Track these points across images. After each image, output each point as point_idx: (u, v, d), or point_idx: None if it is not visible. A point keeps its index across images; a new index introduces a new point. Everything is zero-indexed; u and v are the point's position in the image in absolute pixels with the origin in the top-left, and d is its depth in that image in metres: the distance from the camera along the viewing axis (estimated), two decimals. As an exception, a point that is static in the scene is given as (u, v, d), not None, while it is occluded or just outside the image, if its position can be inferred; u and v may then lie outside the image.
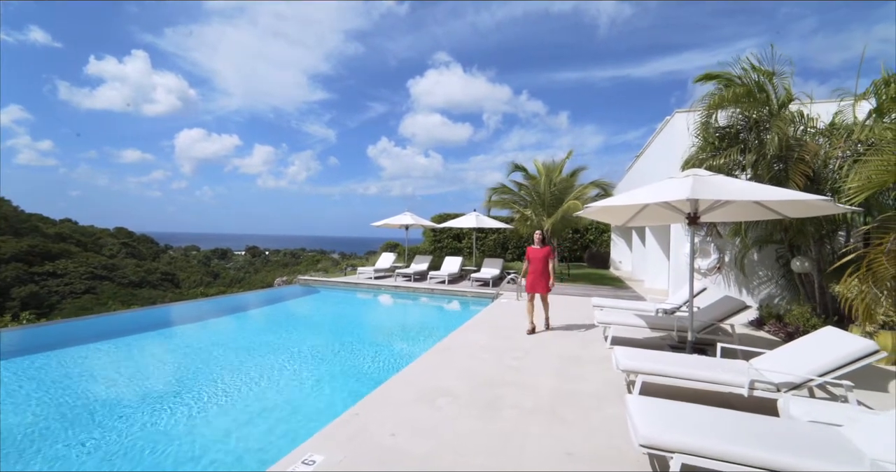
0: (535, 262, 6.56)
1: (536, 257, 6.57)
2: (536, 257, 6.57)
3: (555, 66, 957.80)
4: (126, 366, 5.95)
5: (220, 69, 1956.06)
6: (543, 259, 6.53)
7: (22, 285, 27.91)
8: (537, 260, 6.55)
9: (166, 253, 52.47)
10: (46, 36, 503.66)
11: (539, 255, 6.56)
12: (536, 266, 6.55)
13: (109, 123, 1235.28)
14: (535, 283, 6.56)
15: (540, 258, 6.54)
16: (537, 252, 6.59)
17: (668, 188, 4.32)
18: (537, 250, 6.61)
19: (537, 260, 6.55)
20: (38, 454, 3.46)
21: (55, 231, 36.12)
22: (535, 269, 6.55)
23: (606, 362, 5.03)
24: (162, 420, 4.07)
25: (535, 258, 6.58)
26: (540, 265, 6.52)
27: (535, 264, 6.56)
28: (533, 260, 6.59)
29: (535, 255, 6.59)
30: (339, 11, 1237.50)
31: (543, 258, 6.53)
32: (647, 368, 3.79)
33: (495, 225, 14.38)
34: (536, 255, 6.58)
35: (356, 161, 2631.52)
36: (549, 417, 3.60)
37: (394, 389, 4.22)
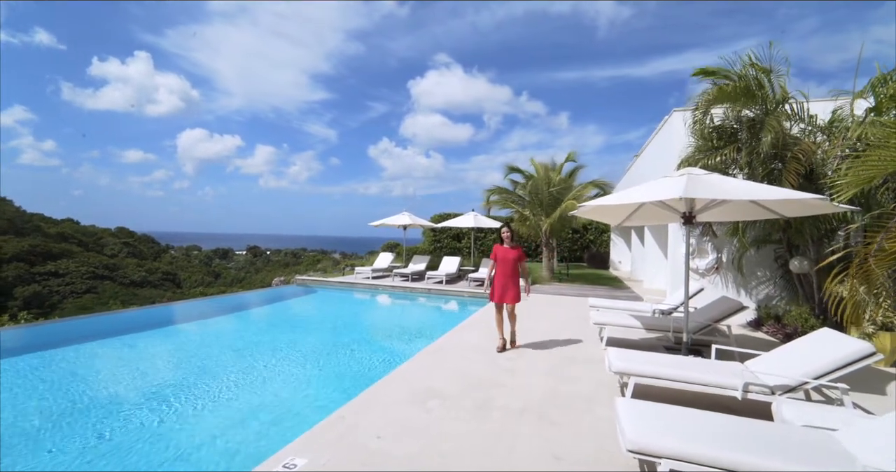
0: (505, 264, 5.51)
1: (506, 258, 5.51)
2: (506, 258, 5.51)
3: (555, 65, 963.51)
4: (120, 365, 5.92)
5: (221, 69, 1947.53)
6: (514, 261, 5.51)
7: (24, 285, 28.00)
8: (507, 262, 5.49)
9: (168, 253, 52.55)
10: (51, 38, 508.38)
11: (509, 255, 5.51)
12: (506, 269, 5.50)
13: (112, 123, 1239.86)
14: (505, 290, 5.48)
15: (510, 260, 5.49)
16: (507, 252, 5.53)
17: (661, 187, 4.25)
18: (507, 249, 5.55)
19: (507, 262, 5.49)
20: (33, 451, 3.42)
21: (57, 231, 36.20)
22: (504, 272, 5.50)
23: (601, 363, 4.96)
24: (152, 419, 4.02)
25: (504, 259, 5.52)
26: (510, 268, 5.50)
27: (503, 266, 5.52)
28: (501, 261, 5.53)
29: (505, 255, 5.52)
30: (339, 11, 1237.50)
31: (514, 260, 5.51)
32: (639, 370, 3.73)
33: (494, 225, 14.32)
34: (506, 255, 5.52)
35: (357, 161, 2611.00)
36: (539, 419, 3.54)
37: (383, 390, 4.17)
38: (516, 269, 5.53)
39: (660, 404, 2.94)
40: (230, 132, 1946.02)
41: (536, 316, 7.96)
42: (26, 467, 3.28)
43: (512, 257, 5.52)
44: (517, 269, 5.54)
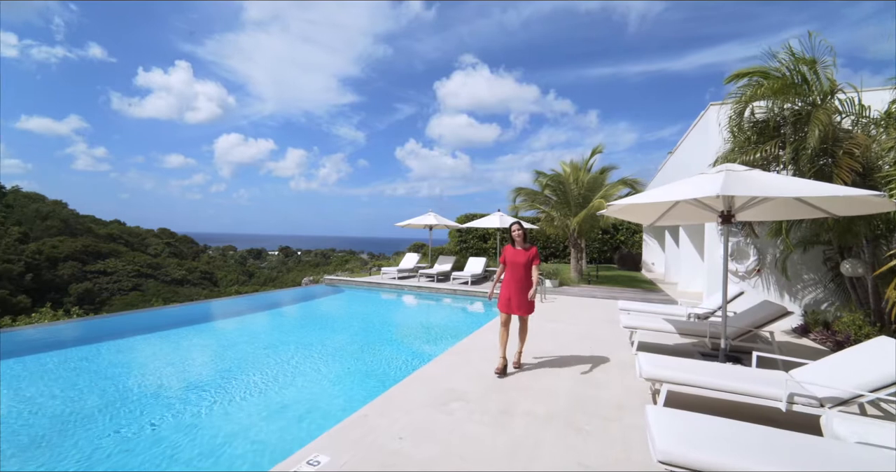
0: (515, 268, 4.70)
1: (517, 262, 4.70)
2: (517, 262, 4.70)
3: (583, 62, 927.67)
4: (160, 359, 6.21)
5: (255, 75, 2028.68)
6: (526, 265, 4.70)
7: (78, 282, 30.02)
8: (518, 266, 4.70)
9: (205, 253, 55.01)
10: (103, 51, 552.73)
11: (520, 258, 4.70)
12: (516, 274, 4.69)
13: (156, 130, 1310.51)
14: (513, 298, 4.67)
15: (522, 263, 4.69)
16: (518, 255, 4.73)
17: (697, 185, 4.04)
18: (519, 252, 4.76)
19: (518, 266, 4.70)
20: (77, 439, 3.62)
21: (106, 232, 38.61)
22: (515, 277, 4.69)
23: (632, 368, 4.77)
24: (188, 411, 4.18)
25: (514, 263, 4.72)
26: (521, 273, 4.69)
27: (514, 270, 4.71)
28: (512, 265, 4.74)
29: (516, 258, 4.73)
30: (368, 15, 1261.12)
31: (527, 263, 4.70)
32: (672, 376, 3.55)
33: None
34: (517, 258, 4.72)
35: (384, 163, 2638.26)
36: (563, 425, 3.42)
37: (406, 390, 4.16)
38: (529, 274, 4.72)
39: (694, 413, 2.77)
40: (263, 136, 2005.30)
41: (564, 318, 7.77)
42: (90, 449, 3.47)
43: (523, 261, 4.69)
44: (530, 274, 4.72)
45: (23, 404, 4.42)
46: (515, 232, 4.81)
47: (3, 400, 4.51)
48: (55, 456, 3.39)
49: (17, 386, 4.96)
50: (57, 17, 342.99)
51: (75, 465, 3.27)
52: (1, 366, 5.55)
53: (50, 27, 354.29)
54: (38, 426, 3.91)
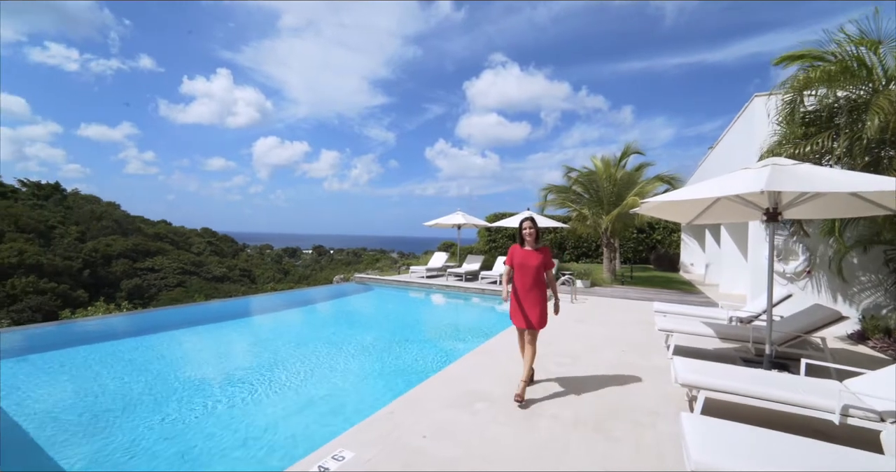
0: (525, 272, 3.95)
1: (528, 265, 3.94)
2: (528, 265, 3.94)
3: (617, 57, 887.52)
4: (201, 351, 6.54)
5: (290, 80, 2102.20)
6: (539, 269, 3.94)
7: (128, 279, 32.10)
8: (528, 270, 3.94)
9: (244, 251, 57.45)
10: (153, 62, 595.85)
11: (532, 260, 3.94)
12: (525, 280, 3.94)
13: (199, 134, 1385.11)
14: (526, 307, 3.94)
15: (534, 267, 3.92)
16: (529, 257, 3.96)
17: (739, 180, 3.80)
18: (529, 253, 3.99)
19: (528, 270, 3.94)
20: (126, 424, 3.86)
21: (154, 231, 41.06)
22: (524, 284, 3.95)
23: (667, 373, 4.56)
24: (226, 401, 4.36)
25: (525, 266, 3.95)
26: (531, 278, 3.93)
27: (523, 275, 3.96)
28: (522, 268, 3.97)
29: (527, 260, 3.95)
30: (398, 18, 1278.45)
31: (539, 267, 3.94)
32: (710, 383, 3.35)
33: (549, 224, 13.85)
34: (528, 260, 3.95)
35: (414, 163, 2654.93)
36: (592, 430, 3.31)
37: (431, 388, 4.16)
38: (541, 279, 3.98)
39: (734, 422, 2.60)
40: (298, 139, 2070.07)
41: (594, 320, 7.55)
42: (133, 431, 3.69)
43: (534, 264, 3.92)
44: (542, 279, 3.99)
45: (81, 390, 4.76)
46: (527, 230, 4.03)
47: (65, 386, 4.86)
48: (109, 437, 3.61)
49: (77, 374, 5.34)
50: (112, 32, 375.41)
51: (122, 448, 3.47)
52: (63, 355, 6.01)
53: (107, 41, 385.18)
54: (93, 410, 4.19)
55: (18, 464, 3.21)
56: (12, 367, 5.49)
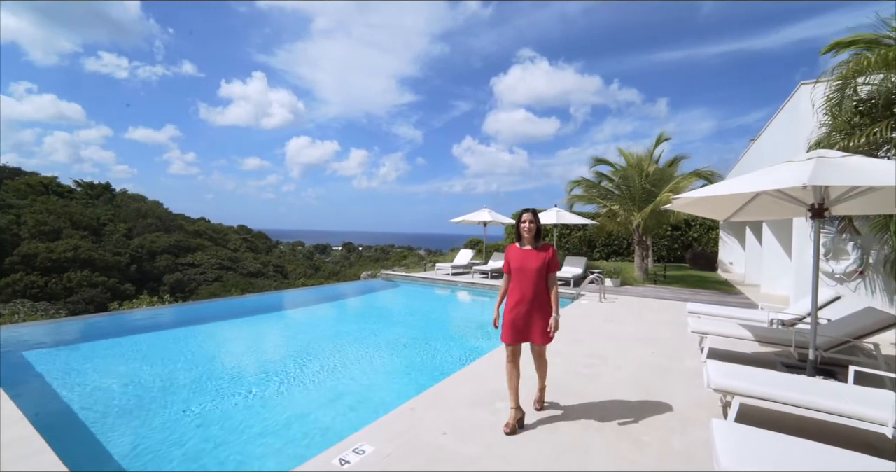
0: (525, 277, 3.26)
1: (526, 268, 3.26)
2: (526, 268, 3.26)
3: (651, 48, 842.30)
4: (236, 343, 6.83)
5: (321, 80, 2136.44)
6: (540, 272, 3.24)
7: (171, 273, 33.90)
8: (526, 274, 3.25)
9: (277, 248, 59.42)
10: (194, 67, 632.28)
11: (531, 262, 3.26)
12: (526, 284, 3.25)
13: (236, 135, 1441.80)
14: (525, 321, 3.27)
15: (533, 269, 3.24)
16: (528, 258, 3.29)
17: (780, 174, 3.55)
18: (528, 253, 3.32)
19: (526, 274, 3.25)
20: (163, 411, 4.08)
21: (194, 228, 43.10)
22: (523, 291, 3.25)
23: (699, 377, 4.36)
24: (254, 395, 4.53)
25: (523, 269, 3.27)
26: (531, 284, 3.23)
27: (523, 280, 3.27)
28: (520, 273, 3.29)
29: (525, 262, 3.28)
30: (426, 17, 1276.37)
31: (540, 269, 3.24)
32: (745, 389, 3.17)
33: (578, 221, 13.54)
34: (526, 262, 3.28)
35: (442, 160, 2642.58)
36: (617, 433, 3.20)
37: (452, 386, 4.15)
38: (542, 285, 3.26)
39: (770, 432, 2.45)
40: (329, 138, 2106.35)
41: (624, 320, 7.32)
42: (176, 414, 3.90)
43: (535, 266, 3.24)
44: (544, 285, 3.27)
45: (126, 376, 5.07)
46: (525, 224, 3.31)
47: (115, 371, 5.19)
48: (146, 423, 3.83)
49: (123, 361, 5.69)
50: (158, 40, 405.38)
51: (161, 432, 3.66)
52: (111, 344, 6.42)
53: (152, 49, 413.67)
54: (135, 396, 4.45)
55: (68, 444, 3.44)
56: (67, 354, 5.92)
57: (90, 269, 28.15)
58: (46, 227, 29.68)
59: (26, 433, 3.03)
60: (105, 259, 29.77)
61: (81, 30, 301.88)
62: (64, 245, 28.10)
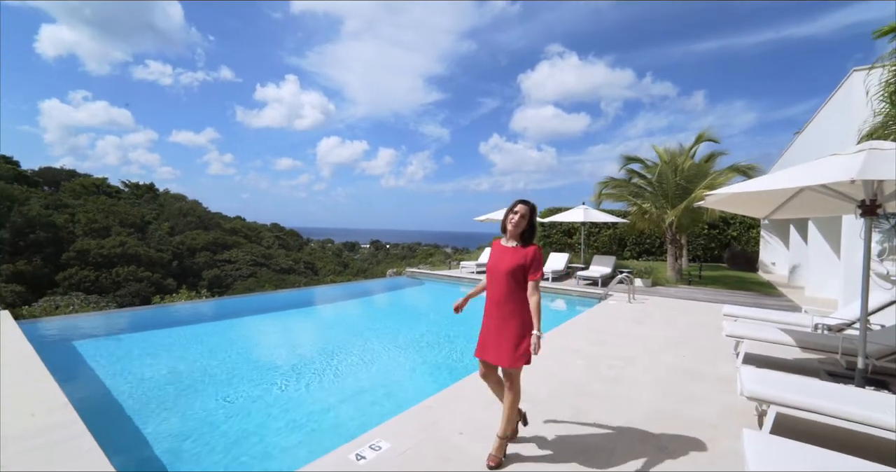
0: (496, 280, 2.74)
1: (498, 269, 2.73)
2: (498, 269, 2.73)
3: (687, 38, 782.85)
4: (268, 336, 7.08)
5: (350, 81, 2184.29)
6: (511, 275, 2.67)
7: (209, 269, 35.52)
8: (499, 276, 2.71)
9: (308, 245, 61.10)
10: (232, 73, 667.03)
11: (504, 262, 2.72)
12: (495, 290, 2.75)
13: (270, 137, 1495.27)
14: (492, 334, 2.76)
15: (505, 272, 2.68)
16: (505, 256, 2.75)
17: (824, 168, 3.30)
18: (505, 250, 2.79)
19: (499, 276, 2.71)
20: (198, 401, 4.27)
21: (230, 226, 44.96)
22: (494, 297, 2.75)
23: (734, 383, 4.14)
24: (280, 387, 4.66)
25: (495, 270, 2.76)
26: (500, 288, 2.71)
27: (493, 282, 2.77)
28: (491, 273, 2.79)
29: (500, 262, 2.74)
30: (453, 16, 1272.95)
31: (512, 273, 2.67)
32: (783, 398, 2.96)
33: (606, 219, 13.14)
34: (499, 262, 2.75)
35: (468, 158, 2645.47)
36: (640, 440, 3.07)
37: (472, 385, 4.10)
38: (514, 292, 2.68)
39: (810, 446, 2.28)
40: (358, 138, 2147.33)
41: (654, 321, 7.04)
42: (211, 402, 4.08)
43: (507, 267, 2.68)
44: (516, 292, 2.68)
45: (166, 365, 5.35)
46: (514, 216, 2.74)
47: (155, 361, 5.48)
48: (184, 411, 4.01)
49: (163, 351, 6.01)
50: (199, 48, 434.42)
51: (195, 421, 3.83)
52: (153, 335, 6.78)
53: (194, 56, 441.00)
54: (172, 385, 4.67)
55: (107, 429, 3.65)
56: (112, 344, 6.30)
57: (136, 264, 29.89)
58: (97, 225, 31.73)
59: (69, 417, 3.23)
60: (150, 255, 31.53)
61: (131, 40, 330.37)
62: (112, 242, 29.97)
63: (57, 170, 44.07)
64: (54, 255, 28.23)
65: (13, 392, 3.67)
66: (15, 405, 3.42)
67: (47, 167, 43.81)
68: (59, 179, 41.84)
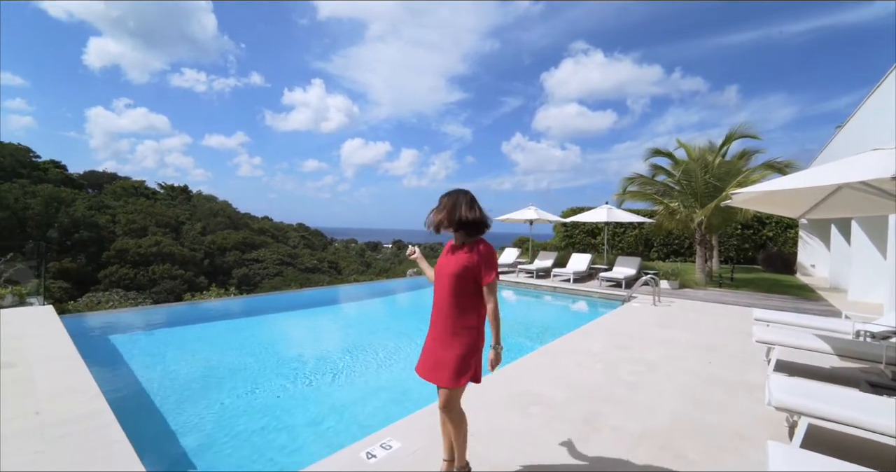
0: (440, 286, 2.34)
1: (442, 274, 2.33)
2: (442, 274, 2.33)
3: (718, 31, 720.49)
4: (293, 335, 7.26)
5: (373, 83, 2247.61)
6: (458, 281, 2.26)
7: (238, 268, 36.73)
8: (443, 280, 2.32)
9: (332, 245, 62.27)
10: (261, 78, 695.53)
11: (449, 266, 2.30)
12: (439, 298, 2.35)
13: (296, 140, 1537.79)
14: (439, 348, 2.32)
15: (448, 277, 2.29)
16: (449, 258, 2.34)
17: (863, 164, 3.09)
18: (454, 251, 2.36)
19: (443, 280, 2.32)
20: (223, 393, 4.41)
21: (258, 226, 46.36)
22: (439, 306, 2.35)
23: (763, 392, 3.92)
24: (301, 383, 4.76)
25: (439, 275, 2.36)
26: (444, 296, 2.31)
27: (437, 289, 2.38)
28: (436, 279, 2.40)
29: (446, 265, 2.33)
30: (476, 16, 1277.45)
31: (458, 278, 2.26)
32: (816, 409, 2.77)
33: (630, 219, 12.78)
34: (446, 265, 2.33)
35: (490, 158, 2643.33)
36: (659, 448, 2.95)
37: (487, 387, 4.05)
38: (460, 300, 2.28)
39: (842, 461, 2.12)
40: (381, 139, 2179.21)
41: (679, 325, 6.79)
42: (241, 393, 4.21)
43: (451, 272, 2.28)
44: (462, 300, 2.28)
45: (195, 359, 5.57)
46: (441, 214, 2.31)
47: (185, 355, 5.71)
48: (209, 404, 4.15)
49: (193, 346, 6.27)
50: (231, 55, 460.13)
51: (219, 414, 3.95)
52: (184, 330, 7.06)
53: (226, 63, 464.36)
54: (200, 378, 4.85)
55: (136, 419, 3.82)
56: (145, 338, 6.60)
57: (170, 263, 31.24)
58: (136, 225, 33.36)
59: (100, 407, 3.39)
60: (183, 254, 32.89)
61: (169, 50, 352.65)
62: (149, 241, 31.42)
63: (100, 173, 46.60)
64: (97, 253, 29.88)
65: (51, 383, 3.88)
66: (52, 394, 3.62)
67: (91, 171, 46.39)
68: (101, 181, 44.24)
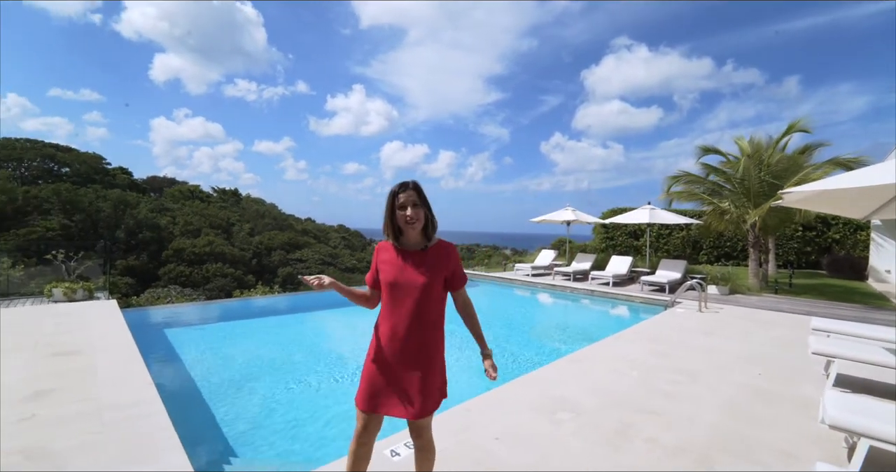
0: (405, 296, 1.87)
1: (410, 283, 1.87)
2: (410, 283, 1.87)
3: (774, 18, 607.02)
4: (328, 330, 7.53)
5: (411, 87, 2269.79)
6: (431, 290, 1.88)
7: (283, 267, 38.50)
8: (410, 292, 1.86)
9: (371, 245, 63.78)
10: (307, 86, 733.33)
11: (417, 275, 1.87)
12: (402, 313, 1.88)
13: (339, 144, 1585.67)
14: (394, 374, 1.91)
15: (419, 287, 1.86)
16: (411, 265, 1.89)
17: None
18: (411, 257, 1.90)
19: (410, 292, 1.86)
20: (260, 387, 4.66)
21: (302, 227, 48.35)
22: (399, 326, 1.88)
23: (817, 409, 3.60)
24: (329, 381, 4.93)
25: (402, 286, 1.87)
26: (412, 310, 1.86)
27: (398, 302, 1.89)
28: (395, 290, 1.89)
29: (407, 274, 1.87)
30: (514, 16, 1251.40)
31: (431, 287, 1.88)
32: (873, 429, 2.51)
33: (674, 220, 12.15)
34: (409, 274, 1.87)
35: (529, 158, 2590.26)
36: (697, 462, 2.78)
37: (514, 391, 4.01)
38: (434, 313, 1.96)
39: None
40: (419, 141, 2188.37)
41: (726, 333, 6.37)
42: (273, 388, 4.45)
43: (421, 282, 1.86)
44: (436, 312, 1.97)
45: (241, 352, 5.92)
46: (406, 210, 1.84)
47: (232, 349, 6.08)
48: (250, 396, 4.40)
49: (241, 341, 6.66)
50: (279, 65, 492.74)
51: (260, 406, 4.18)
52: (233, 325, 7.51)
53: (275, 73, 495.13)
54: (245, 371, 5.14)
55: (183, 408, 4.10)
56: (196, 331, 7.08)
57: (222, 262, 33.26)
58: (191, 226, 35.84)
59: (150, 395, 3.67)
60: (233, 254, 34.92)
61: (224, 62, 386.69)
62: (203, 241, 33.62)
63: (161, 178, 50.58)
64: (157, 252, 32.39)
65: (110, 371, 4.25)
66: (109, 381, 3.96)
67: (153, 176, 50.48)
68: (162, 186, 47.96)
